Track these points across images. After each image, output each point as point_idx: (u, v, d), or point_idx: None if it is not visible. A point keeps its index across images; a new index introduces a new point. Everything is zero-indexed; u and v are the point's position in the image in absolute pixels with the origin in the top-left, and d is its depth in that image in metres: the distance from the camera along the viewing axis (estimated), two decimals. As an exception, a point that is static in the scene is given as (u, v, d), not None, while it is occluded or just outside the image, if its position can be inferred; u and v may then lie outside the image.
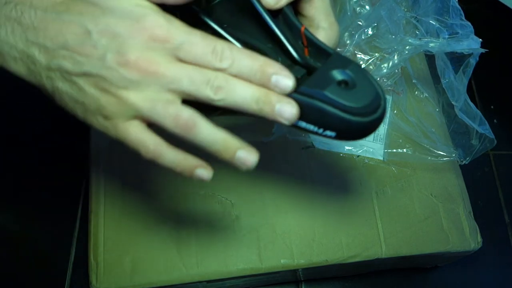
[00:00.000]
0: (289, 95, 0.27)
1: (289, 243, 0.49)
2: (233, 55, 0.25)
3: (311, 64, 0.30)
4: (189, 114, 0.25)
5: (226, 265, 0.48)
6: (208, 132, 0.26)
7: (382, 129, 0.55)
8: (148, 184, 0.50)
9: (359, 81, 0.28)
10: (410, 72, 0.54)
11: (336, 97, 0.27)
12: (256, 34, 0.32)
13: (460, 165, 0.55)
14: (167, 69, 0.25)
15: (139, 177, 0.51)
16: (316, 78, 0.28)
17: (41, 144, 0.68)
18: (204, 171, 0.28)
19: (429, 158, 0.53)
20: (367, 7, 0.53)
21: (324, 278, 0.61)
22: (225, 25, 0.30)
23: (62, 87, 0.26)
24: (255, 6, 0.30)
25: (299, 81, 0.28)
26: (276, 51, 0.31)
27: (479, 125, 0.48)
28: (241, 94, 0.25)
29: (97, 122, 0.27)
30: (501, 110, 0.75)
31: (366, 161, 0.53)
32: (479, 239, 0.51)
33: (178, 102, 0.26)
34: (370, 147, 0.54)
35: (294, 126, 0.29)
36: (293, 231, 0.50)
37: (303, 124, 0.29)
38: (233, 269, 0.48)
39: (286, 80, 0.26)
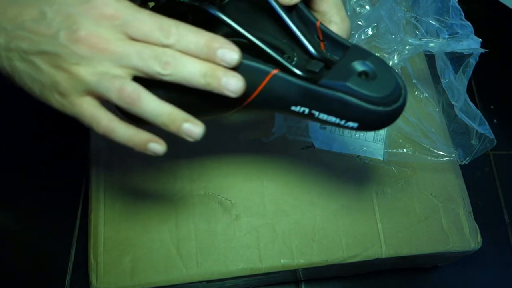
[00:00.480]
0: (312, 87, 0.28)
1: (289, 243, 0.49)
2: (180, 31, 0.26)
3: (329, 58, 0.31)
4: (133, 88, 0.26)
5: (226, 265, 0.48)
6: (153, 105, 0.27)
7: (382, 129, 0.55)
8: (148, 184, 0.50)
9: (379, 71, 0.28)
10: (410, 72, 0.54)
11: (358, 88, 0.27)
12: (271, 30, 0.32)
13: (460, 165, 0.55)
14: (116, 46, 0.26)
15: (139, 177, 0.51)
16: (337, 71, 0.29)
17: (41, 144, 0.68)
18: (157, 145, 0.29)
19: (429, 158, 0.53)
20: (367, 7, 0.53)
21: (324, 278, 0.61)
22: (241, 23, 0.30)
23: (20, 66, 0.27)
24: (270, 3, 0.31)
25: (318, 75, 0.29)
26: (292, 47, 0.32)
27: (479, 125, 0.48)
28: (189, 69, 0.26)
29: (54, 99, 0.28)
30: (501, 110, 0.75)
31: (366, 161, 0.53)
32: (479, 239, 0.51)
33: (126, 77, 0.27)
34: (370, 147, 0.54)
35: (315, 118, 0.30)
36: (293, 231, 0.50)
37: (324, 116, 0.29)
38: (233, 269, 0.48)
39: (231, 53, 0.26)
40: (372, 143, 0.54)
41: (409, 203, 0.52)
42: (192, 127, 0.28)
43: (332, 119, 0.29)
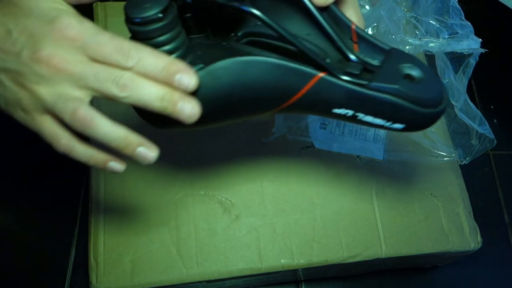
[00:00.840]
0: (362, 90, 0.29)
1: (289, 243, 0.49)
2: (139, 54, 0.27)
3: (365, 60, 0.31)
4: (86, 112, 0.27)
5: (226, 265, 0.48)
6: (107, 129, 0.28)
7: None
8: (148, 184, 0.50)
9: (425, 74, 0.29)
10: None
11: (408, 91, 0.28)
12: (305, 31, 0.32)
13: (460, 165, 0.55)
14: (75, 67, 0.26)
15: (139, 177, 0.51)
16: (384, 74, 0.29)
17: (41, 144, 0.68)
18: (116, 164, 0.30)
19: (429, 158, 0.53)
20: (367, 7, 0.53)
21: (324, 278, 0.61)
22: (278, 24, 0.30)
23: None
24: (304, 3, 0.31)
25: (358, 76, 0.29)
26: (326, 48, 0.32)
27: (479, 125, 0.48)
28: (146, 92, 0.27)
29: (18, 115, 0.29)
30: (501, 110, 0.75)
31: (366, 161, 0.53)
32: (479, 239, 0.51)
33: (84, 98, 0.27)
34: (370, 147, 0.54)
35: (358, 120, 0.30)
36: (293, 231, 0.50)
37: (369, 118, 0.30)
38: (233, 269, 0.48)
39: (189, 78, 0.27)
40: (372, 143, 0.54)
41: (409, 203, 0.52)
42: (147, 151, 0.29)
43: (378, 121, 0.30)
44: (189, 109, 0.27)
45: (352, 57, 0.31)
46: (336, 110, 0.30)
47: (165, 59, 0.27)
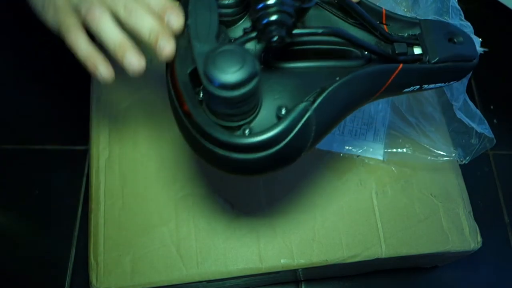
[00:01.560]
0: (430, 67, 0.35)
1: (289, 243, 0.49)
2: None
3: (401, 37, 0.36)
4: (99, 11, 0.32)
5: (226, 265, 0.48)
6: (110, 30, 0.32)
7: (382, 129, 0.55)
8: (148, 183, 0.50)
9: (463, 35, 0.35)
10: None
11: (459, 52, 0.34)
12: (341, 25, 0.36)
13: (460, 165, 0.55)
14: None
15: (139, 177, 0.51)
16: (434, 46, 0.35)
17: (40, 145, 0.68)
18: (105, 70, 0.34)
19: (429, 157, 0.53)
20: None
21: (324, 278, 0.61)
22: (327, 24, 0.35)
23: None
24: (347, 2, 0.34)
25: (406, 55, 0.35)
26: (367, 34, 0.36)
27: (478, 125, 0.48)
28: (141, 21, 0.31)
29: (50, 14, 0.35)
30: (501, 110, 0.75)
31: (366, 161, 0.53)
32: (479, 239, 0.51)
33: (100, 5, 0.32)
34: (370, 147, 0.54)
35: (422, 89, 0.36)
36: (293, 231, 0.50)
37: (432, 86, 0.36)
38: (233, 269, 0.48)
39: (177, 18, 0.31)
40: (372, 143, 0.54)
41: (409, 203, 0.52)
42: (134, 59, 0.32)
43: (439, 85, 0.36)
44: (168, 49, 0.31)
45: (389, 37, 0.35)
46: (407, 89, 0.36)
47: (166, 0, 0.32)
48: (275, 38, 0.29)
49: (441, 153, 0.53)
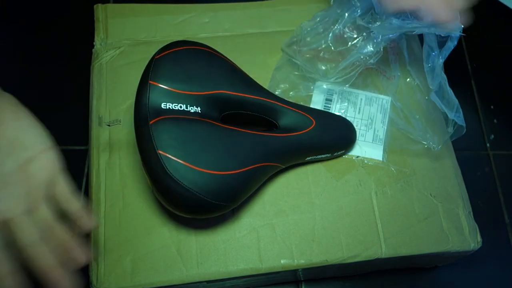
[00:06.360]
0: None
1: (289, 243, 0.49)
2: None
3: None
4: None
5: (226, 265, 0.48)
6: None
7: (382, 129, 0.55)
8: (148, 184, 0.50)
9: None
10: (406, 59, 0.54)
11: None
12: None
13: (460, 165, 0.55)
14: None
15: (139, 177, 0.51)
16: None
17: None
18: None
19: (405, 144, 0.54)
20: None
21: (324, 278, 0.61)
22: None
23: None
24: None
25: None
26: None
27: (453, 112, 0.48)
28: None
29: None
30: (501, 110, 0.75)
31: (366, 161, 0.53)
32: (479, 239, 0.51)
33: None
34: (370, 147, 0.54)
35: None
36: (293, 231, 0.50)
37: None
38: (233, 269, 0.48)
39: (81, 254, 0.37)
40: (371, 143, 0.54)
41: (409, 203, 0.52)
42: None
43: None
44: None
45: None
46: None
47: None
48: None
49: (418, 139, 0.53)
